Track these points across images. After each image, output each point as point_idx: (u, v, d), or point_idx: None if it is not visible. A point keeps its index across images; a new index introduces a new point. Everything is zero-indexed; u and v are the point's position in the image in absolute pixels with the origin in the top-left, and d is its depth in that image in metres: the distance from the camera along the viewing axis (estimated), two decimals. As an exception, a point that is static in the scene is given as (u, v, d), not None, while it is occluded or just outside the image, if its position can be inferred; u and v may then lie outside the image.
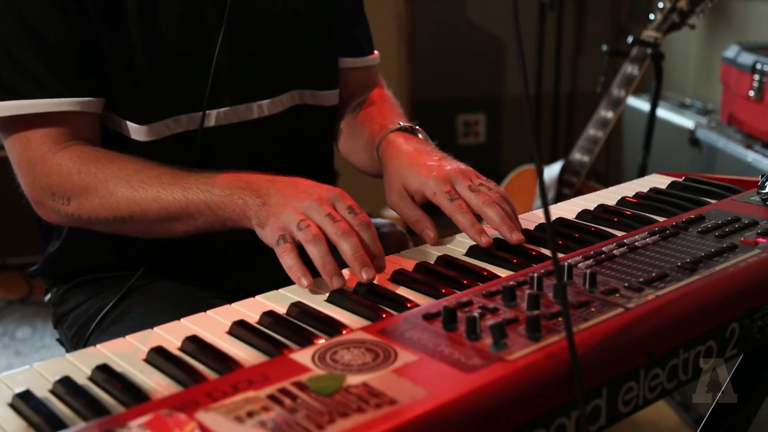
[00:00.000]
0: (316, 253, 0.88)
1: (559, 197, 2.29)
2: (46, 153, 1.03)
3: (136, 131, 1.08)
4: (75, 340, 1.15)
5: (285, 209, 0.91)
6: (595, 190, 1.23)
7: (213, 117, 1.12)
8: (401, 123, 1.16)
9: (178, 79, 1.09)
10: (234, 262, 1.18)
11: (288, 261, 0.89)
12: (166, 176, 1.00)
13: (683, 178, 1.21)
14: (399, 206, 1.06)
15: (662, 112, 2.67)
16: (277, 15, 1.17)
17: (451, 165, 1.04)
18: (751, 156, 2.20)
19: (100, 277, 1.17)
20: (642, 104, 2.72)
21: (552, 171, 2.37)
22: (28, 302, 2.74)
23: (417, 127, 1.16)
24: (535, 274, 0.82)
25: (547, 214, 0.70)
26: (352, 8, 1.31)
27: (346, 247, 0.89)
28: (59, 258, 1.19)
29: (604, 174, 3.45)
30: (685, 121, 2.59)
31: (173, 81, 1.09)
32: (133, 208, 1.00)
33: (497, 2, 3.44)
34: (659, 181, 1.23)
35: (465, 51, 3.51)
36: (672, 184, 1.19)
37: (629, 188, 1.20)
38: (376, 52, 1.36)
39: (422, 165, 1.04)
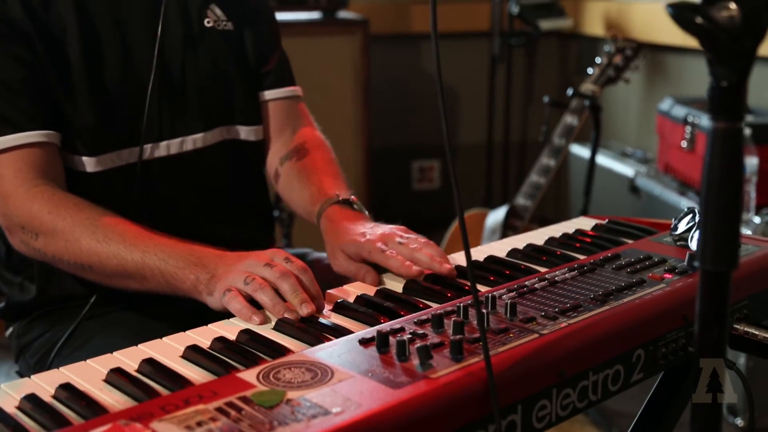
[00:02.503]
0: (265, 298, 0.98)
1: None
2: (19, 188, 1.11)
3: (85, 163, 1.17)
4: (37, 367, 1.21)
5: (230, 273, 1.01)
6: (538, 234, 1.33)
7: (150, 150, 1.23)
8: (339, 195, 1.27)
9: (117, 116, 1.20)
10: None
11: (236, 305, 0.98)
12: (129, 235, 1.09)
13: (606, 220, 1.32)
14: (343, 267, 1.17)
15: (604, 160, 2.82)
16: (206, 57, 1.29)
17: (382, 229, 1.17)
18: (684, 202, 2.34)
19: (63, 306, 1.23)
20: (585, 152, 2.86)
21: (497, 215, 2.49)
22: (-17, 343, 2.75)
23: (352, 197, 1.28)
24: (462, 305, 0.91)
25: (466, 245, 0.80)
26: (270, 43, 1.42)
27: (285, 287, 0.98)
28: (24, 289, 1.25)
29: (553, 218, 3.58)
30: (626, 169, 2.73)
31: (113, 118, 1.19)
32: (93, 259, 1.09)
33: (450, 53, 3.59)
34: (585, 223, 1.33)
35: (419, 100, 3.65)
36: (596, 226, 1.30)
37: (557, 229, 1.30)
38: (297, 86, 1.46)
39: (358, 234, 1.17)
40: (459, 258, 1.17)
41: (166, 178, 1.25)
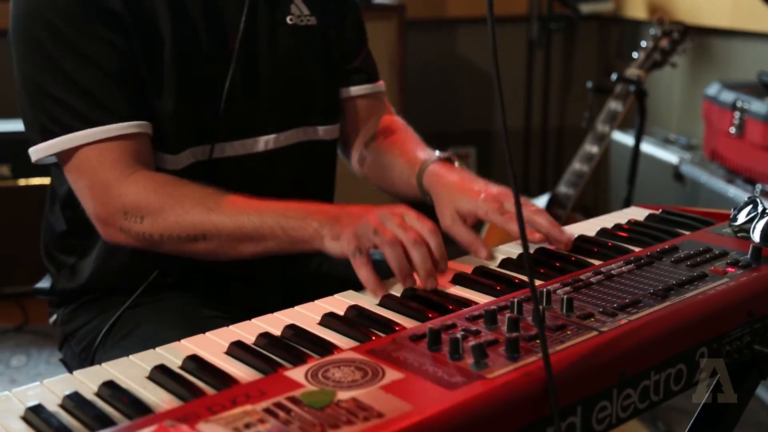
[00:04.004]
0: (393, 255, 0.98)
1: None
2: (120, 175, 1.10)
3: (163, 160, 1.15)
4: (83, 355, 1.20)
5: (361, 220, 1.01)
6: (582, 222, 1.29)
7: (223, 149, 1.20)
8: (438, 153, 1.26)
9: (196, 112, 1.17)
10: (240, 280, 1.24)
11: (364, 274, 0.99)
12: (239, 201, 1.09)
13: (660, 210, 1.27)
14: (453, 229, 1.16)
15: (647, 147, 2.75)
16: (286, 56, 1.25)
17: (495, 188, 1.17)
18: (733, 191, 2.27)
19: (110, 294, 1.22)
20: (627, 139, 2.79)
21: (539, 204, 2.44)
22: (23, 330, 2.77)
23: (453, 156, 1.26)
24: (516, 300, 0.87)
25: (524, 243, 0.76)
26: (357, 42, 1.38)
27: (416, 255, 0.98)
28: (71, 278, 1.24)
29: (592, 207, 3.52)
30: (670, 156, 2.66)
31: (193, 113, 1.17)
32: (207, 227, 1.07)
33: (485, 37, 3.52)
34: (638, 213, 1.28)
35: (455, 85, 3.60)
36: (649, 216, 1.25)
37: (609, 220, 1.25)
38: (381, 81, 1.43)
39: (471, 190, 1.16)
40: (511, 250, 1.13)
41: (237, 178, 1.21)
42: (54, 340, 1.32)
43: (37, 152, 1.12)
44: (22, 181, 2.79)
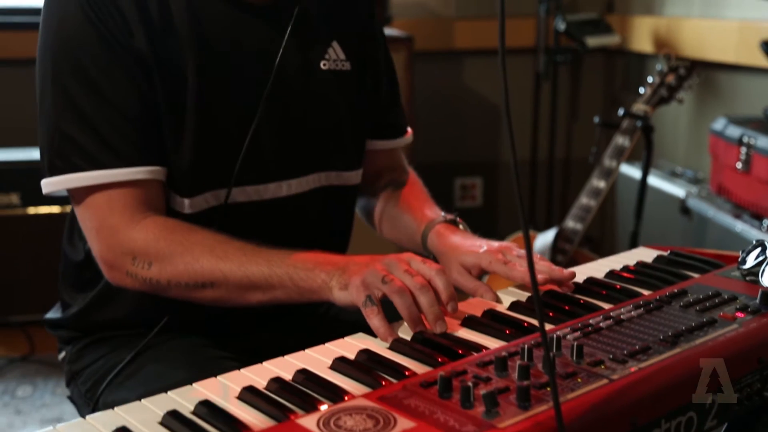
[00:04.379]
0: (403, 303, 0.99)
1: (553, 264, 2.35)
2: (129, 221, 1.10)
3: (180, 203, 1.15)
4: (89, 395, 1.20)
5: (368, 268, 1.02)
6: (588, 257, 1.31)
7: (243, 193, 1.19)
8: (444, 216, 1.29)
9: (218, 155, 1.17)
10: (248, 323, 1.24)
11: (375, 322, 0.99)
12: (249, 248, 1.09)
13: (668, 252, 1.27)
14: (459, 281, 1.18)
15: (654, 180, 2.75)
16: (316, 101, 1.25)
17: (497, 243, 1.20)
18: (740, 226, 2.28)
19: (118, 334, 1.22)
20: (634, 172, 2.80)
21: (546, 238, 2.44)
22: (29, 360, 2.77)
23: (457, 219, 1.30)
24: (526, 345, 0.88)
25: (535, 288, 0.76)
26: (390, 93, 1.40)
27: (424, 301, 0.99)
28: (82, 314, 1.25)
29: (599, 238, 3.52)
30: (676, 190, 2.67)
31: (214, 156, 1.17)
32: (216, 275, 1.07)
33: (493, 69, 3.56)
34: (646, 254, 1.29)
35: (462, 116, 3.62)
36: (658, 258, 1.26)
37: (617, 261, 1.26)
38: (409, 130, 1.44)
39: (473, 246, 1.20)
40: (519, 291, 1.14)
41: (256, 222, 1.22)
42: (60, 370, 1.33)
43: (46, 185, 1.12)
44: (32, 210, 2.80)
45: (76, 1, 1.10)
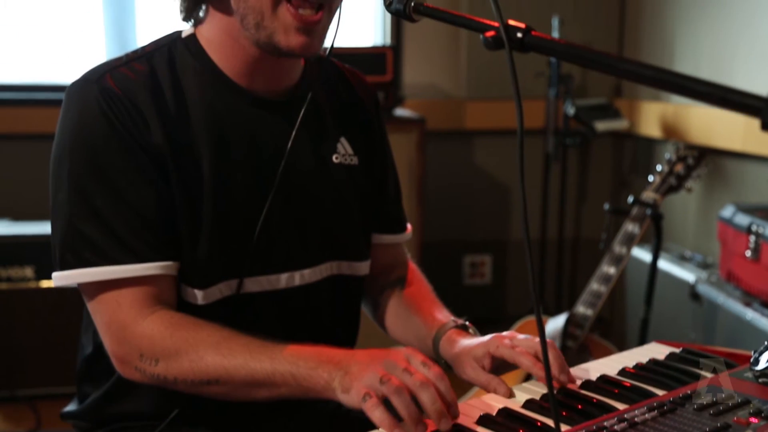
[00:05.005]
0: (400, 402, 0.98)
1: (564, 350, 2.35)
2: (137, 316, 1.11)
3: (193, 295, 1.17)
4: None
5: (367, 371, 1.01)
6: (599, 343, 1.33)
7: (255, 283, 1.21)
8: (455, 321, 1.31)
9: (231, 247, 1.19)
10: (258, 417, 1.25)
11: (377, 414, 0.98)
12: (254, 345, 1.09)
13: (681, 349, 1.28)
14: (472, 377, 1.19)
15: (663, 264, 2.77)
16: (328, 193, 1.29)
17: (506, 333, 1.22)
18: (750, 314, 2.28)
19: (132, 426, 1.23)
20: (644, 255, 2.82)
21: (557, 323, 2.45)
22: (35, 434, 2.76)
23: (467, 323, 1.32)
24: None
25: (549, 379, 0.77)
26: (394, 188, 1.44)
27: (425, 398, 0.98)
28: (98, 406, 1.25)
29: (609, 319, 3.51)
30: (686, 275, 2.68)
31: (230, 248, 1.19)
32: (220, 372, 1.08)
33: (502, 148, 3.62)
34: (658, 350, 1.30)
35: (472, 195, 3.66)
36: (670, 356, 1.26)
37: (630, 357, 1.26)
38: (409, 226, 1.48)
39: (483, 340, 1.23)
40: (532, 388, 1.14)
41: (267, 311, 1.24)
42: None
43: (57, 279, 1.14)
44: (45, 283, 2.83)
45: (95, 99, 1.13)
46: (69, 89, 1.16)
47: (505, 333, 1.22)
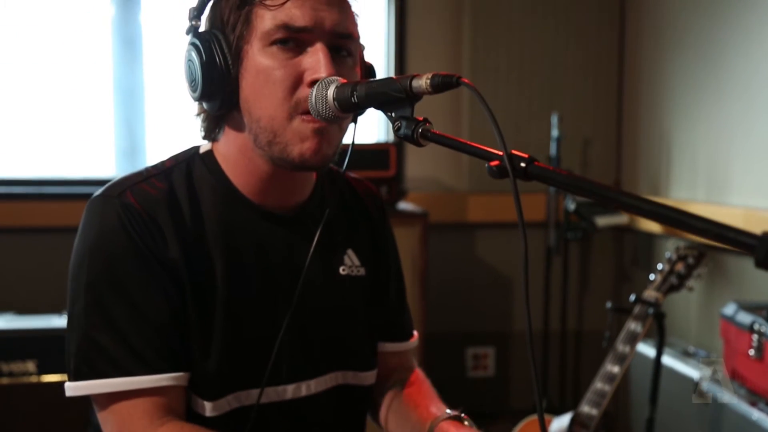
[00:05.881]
0: None
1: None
2: (147, 427, 1.12)
3: (202, 407, 1.18)
4: None
5: None
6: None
7: (266, 394, 1.23)
8: (449, 412, 1.31)
9: (242, 360, 1.21)
10: None
11: None
12: None
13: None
14: None
15: (668, 360, 2.76)
16: (336, 305, 1.32)
17: None
18: (756, 414, 2.26)
19: None
20: (647, 350, 2.81)
21: (561, 422, 2.43)
22: None
23: (462, 414, 1.31)
24: None
25: None
26: (398, 297, 1.46)
27: None
28: None
29: (614, 414, 3.48)
30: (690, 371, 2.66)
31: (241, 361, 1.20)
32: None
33: (504, 241, 3.66)
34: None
35: (475, 287, 3.68)
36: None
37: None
38: (415, 333, 1.50)
39: None
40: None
41: (275, 421, 1.24)
42: None
43: (70, 389, 1.15)
44: (46, 378, 2.81)
45: (116, 214, 1.16)
46: (90, 203, 1.19)
47: None
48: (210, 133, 1.26)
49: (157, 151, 3.28)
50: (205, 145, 1.29)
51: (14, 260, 3.20)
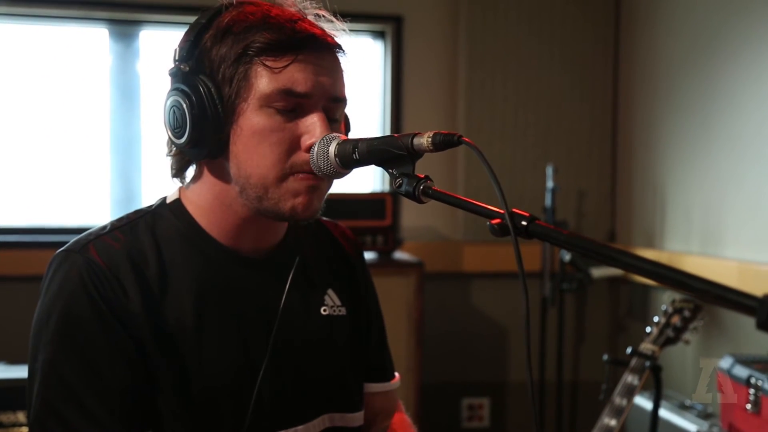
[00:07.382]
0: None
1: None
2: None
3: None
4: None
5: None
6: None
7: None
8: None
9: (220, 414, 1.18)
10: None
11: None
12: None
13: None
14: None
15: (665, 413, 2.74)
16: (320, 345, 1.30)
17: None
18: (755, 470, 2.24)
19: None
20: (644, 402, 2.79)
21: (559, 476, 2.40)
22: None
23: None
24: None
25: None
26: (379, 337, 1.46)
27: None
28: None
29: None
30: (688, 425, 2.65)
31: (216, 415, 1.17)
32: None
33: (501, 292, 3.65)
34: None
35: (470, 337, 3.67)
36: None
37: None
38: (397, 375, 1.49)
39: None
40: None
41: None
42: None
43: None
44: (37, 428, 2.78)
45: (77, 271, 1.12)
46: (54, 258, 1.16)
47: None
48: (180, 171, 1.24)
49: (153, 200, 3.28)
50: (172, 194, 1.27)
51: (8, 309, 3.18)
